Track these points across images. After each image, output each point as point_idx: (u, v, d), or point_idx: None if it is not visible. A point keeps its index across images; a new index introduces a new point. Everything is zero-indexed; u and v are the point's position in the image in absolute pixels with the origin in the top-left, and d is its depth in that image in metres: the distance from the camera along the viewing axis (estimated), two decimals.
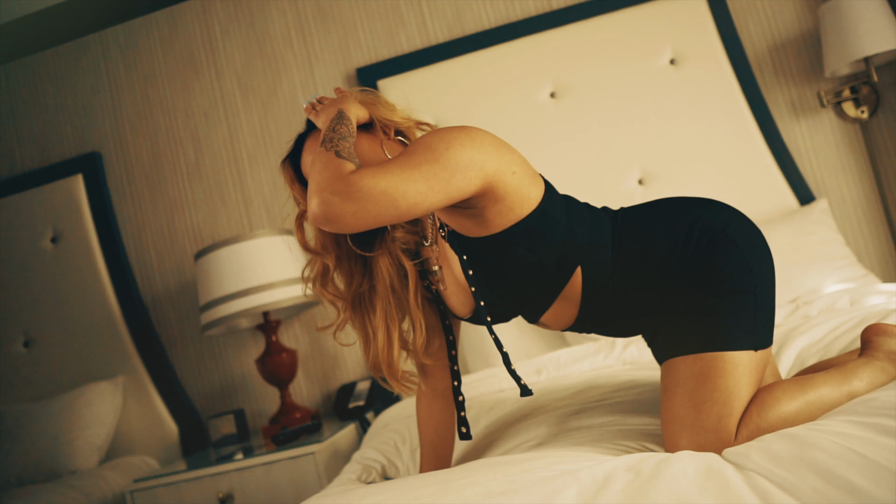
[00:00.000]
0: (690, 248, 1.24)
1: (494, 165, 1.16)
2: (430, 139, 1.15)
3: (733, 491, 0.74)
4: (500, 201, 1.19)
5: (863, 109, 2.54)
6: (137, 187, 2.99)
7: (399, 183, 1.08)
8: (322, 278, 1.39)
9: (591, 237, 1.28)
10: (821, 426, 0.91)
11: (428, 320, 1.45)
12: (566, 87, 2.69)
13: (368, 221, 1.09)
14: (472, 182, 1.13)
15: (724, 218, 1.28)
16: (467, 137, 1.15)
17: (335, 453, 2.22)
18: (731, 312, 1.19)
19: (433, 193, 1.10)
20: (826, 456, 0.75)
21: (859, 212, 2.57)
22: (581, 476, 0.93)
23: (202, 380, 2.91)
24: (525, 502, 0.84)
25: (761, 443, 0.93)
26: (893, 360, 1.23)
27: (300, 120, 2.89)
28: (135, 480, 2.28)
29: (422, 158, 1.11)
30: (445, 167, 1.11)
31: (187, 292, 2.91)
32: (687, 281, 1.23)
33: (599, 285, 1.29)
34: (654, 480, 0.82)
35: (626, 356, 2.02)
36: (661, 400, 1.21)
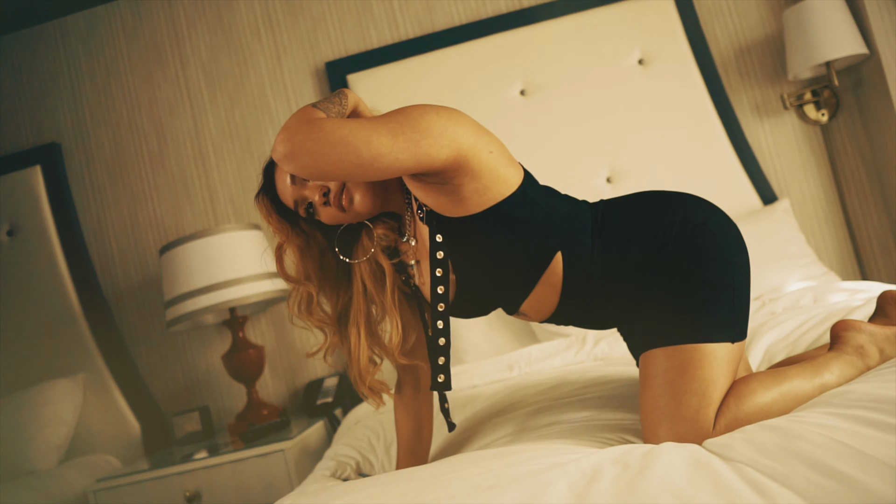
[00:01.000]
0: (671, 240, 1.26)
1: (469, 141, 1.17)
2: (409, 107, 1.16)
3: (725, 482, 0.75)
4: (476, 178, 1.19)
5: (823, 112, 2.61)
6: (98, 180, 2.91)
7: (362, 132, 1.09)
8: (308, 306, 1.39)
9: (571, 224, 1.29)
10: (801, 418, 0.93)
11: (405, 317, 1.45)
12: (536, 86, 2.71)
13: (328, 167, 1.09)
14: (442, 150, 1.14)
15: (704, 211, 1.30)
16: (446, 112, 1.17)
17: (305, 450, 2.20)
18: (710, 305, 1.21)
19: (398, 150, 1.11)
20: (813, 447, 0.77)
21: (819, 212, 2.64)
22: (569, 469, 0.93)
23: (166, 377, 2.86)
24: (516, 497, 0.84)
25: (744, 434, 0.95)
26: (861, 354, 1.26)
27: (268, 113, 2.85)
28: (98, 480, 2.23)
29: (393, 118, 1.13)
30: (415, 129, 1.12)
31: (151, 287, 2.85)
32: (667, 272, 1.25)
33: (580, 273, 1.30)
34: (645, 473, 0.83)
35: (597, 352, 2.04)
36: (641, 390, 1.23)
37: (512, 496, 0.84)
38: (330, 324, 1.40)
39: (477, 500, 0.85)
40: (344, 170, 1.10)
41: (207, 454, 2.19)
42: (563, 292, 1.32)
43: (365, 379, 1.40)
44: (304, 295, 1.39)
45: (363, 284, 1.42)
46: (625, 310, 1.33)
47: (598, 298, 1.34)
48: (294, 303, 1.40)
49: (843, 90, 2.61)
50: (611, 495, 0.79)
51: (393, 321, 1.42)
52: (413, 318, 1.48)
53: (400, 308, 1.43)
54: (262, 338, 2.81)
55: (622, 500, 0.76)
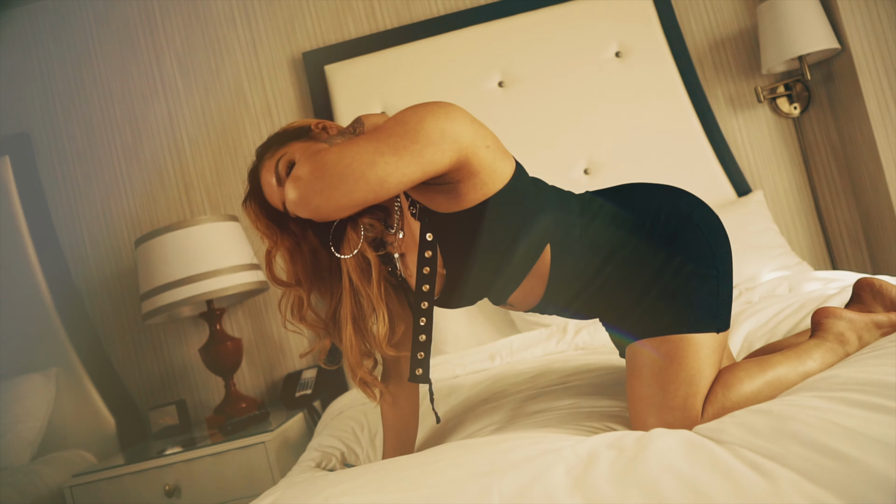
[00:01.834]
0: (657, 232, 1.28)
1: (469, 139, 1.17)
2: (403, 113, 1.15)
3: (723, 462, 0.76)
4: (475, 175, 1.20)
5: (795, 106, 2.66)
6: (70, 171, 2.86)
7: (365, 154, 1.08)
8: (299, 310, 1.38)
9: (559, 217, 1.31)
10: (789, 402, 0.95)
11: (392, 309, 1.44)
12: (514, 77, 2.72)
13: (341, 201, 1.09)
14: (446, 154, 1.14)
15: (688, 204, 1.32)
16: (441, 110, 1.16)
17: (285, 443, 2.19)
18: (695, 296, 1.23)
19: (404, 165, 1.10)
20: (806, 427, 0.79)
21: (791, 203, 2.69)
22: (564, 454, 0.94)
23: (141, 370, 2.82)
24: (515, 481, 0.85)
25: (734, 419, 0.97)
26: (841, 341, 1.29)
27: (244, 104, 2.82)
28: (74, 475, 2.19)
29: (392, 131, 1.11)
30: (416, 139, 1.11)
31: (125, 280, 2.81)
32: (652, 263, 1.27)
33: (567, 265, 1.31)
34: (641, 456, 0.85)
35: (577, 341, 2.06)
36: (628, 381, 1.24)
37: (511, 481, 0.85)
38: (323, 326, 1.39)
39: (476, 486, 0.86)
40: (357, 199, 1.10)
41: (186, 448, 2.17)
42: (549, 283, 1.33)
43: (356, 373, 1.40)
44: (295, 299, 1.37)
45: (349, 278, 1.41)
46: (610, 301, 1.34)
47: (583, 289, 1.35)
48: (286, 307, 1.39)
49: (815, 84, 2.66)
50: (610, 477, 0.80)
51: (380, 313, 1.41)
52: (401, 309, 1.47)
53: (387, 299, 1.43)
54: (239, 330, 2.79)
55: (622, 482, 0.77)
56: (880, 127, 2.40)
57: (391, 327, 1.42)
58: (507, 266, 1.28)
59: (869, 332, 1.31)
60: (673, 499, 0.68)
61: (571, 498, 0.76)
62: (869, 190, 2.54)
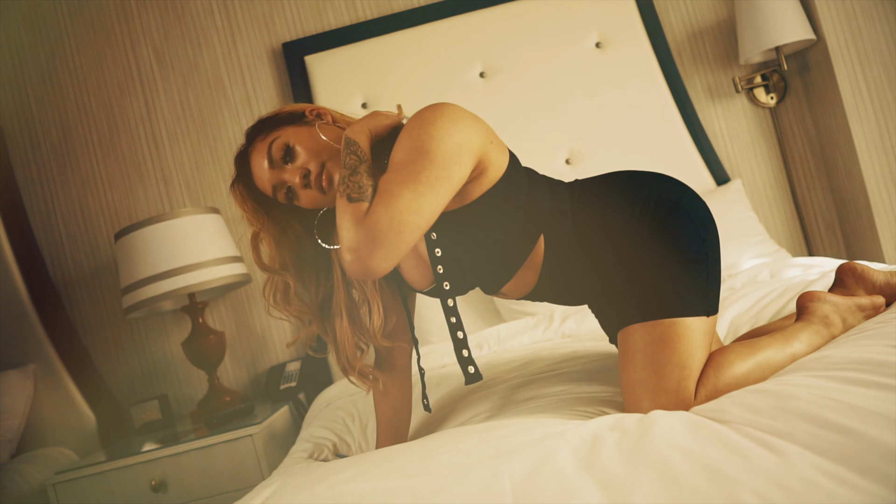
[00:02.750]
0: (647, 218, 1.30)
1: (479, 142, 1.19)
2: (417, 138, 1.15)
3: (729, 439, 0.78)
4: (484, 173, 1.23)
5: (772, 96, 2.71)
6: (45, 163, 2.81)
7: (410, 203, 1.11)
8: (284, 296, 1.36)
9: (552, 207, 1.32)
10: (786, 381, 0.98)
11: (385, 299, 1.45)
12: (495, 68, 2.72)
13: (401, 252, 1.12)
14: (466, 166, 1.17)
15: (677, 190, 1.34)
16: (448, 121, 1.17)
17: (272, 435, 2.18)
18: (686, 280, 1.26)
19: (441, 195, 1.14)
20: (808, 405, 0.81)
21: (769, 192, 2.74)
22: (568, 437, 0.95)
23: (121, 366, 2.79)
24: (524, 464, 0.86)
25: (732, 399, 0.99)
26: (826, 323, 1.32)
27: (223, 95, 2.79)
28: (57, 472, 2.16)
29: (420, 166, 1.13)
30: (443, 164, 1.13)
31: (103, 274, 2.77)
32: (643, 249, 1.29)
33: (560, 253, 1.33)
34: (647, 435, 0.86)
35: (564, 329, 2.08)
36: (621, 365, 1.26)
37: (519, 464, 0.86)
38: (309, 313, 1.38)
39: (484, 470, 0.87)
40: (412, 243, 1.13)
41: (171, 442, 2.15)
42: (542, 272, 1.35)
43: (355, 366, 1.40)
44: (280, 284, 1.36)
45: (342, 270, 1.41)
46: (601, 287, 1.36)
47: (575, 277, 1.37)
48: (270, 293, 1.37)
49: (791, 74, 2.71)
50: (619, 457, 0.81)
51: (375, 305, 1.41)
52: (393, 300, 1.48)
53: (380, 291, 1.43)
54: (222, 323, 2.77)
55: (632, 461, 0.78)
56: (855, 116, 2.45)
57: (385, 317, 1.43)
58: (501, 258, 1.29)
59: (852, 314, 1.35)
60: (687, 475, 0.69)
61: (582, 479, 0.77)
62: (844, 178, 2.60)
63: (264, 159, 1.28)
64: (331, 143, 1.28)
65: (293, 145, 1.27)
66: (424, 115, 1.19)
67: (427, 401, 1.47)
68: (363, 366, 1.41)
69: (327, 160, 1.26)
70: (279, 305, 1.37)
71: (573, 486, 0.75)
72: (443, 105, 1.21)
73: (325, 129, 1.30)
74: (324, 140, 1.27)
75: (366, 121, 1.28)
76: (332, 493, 0.96)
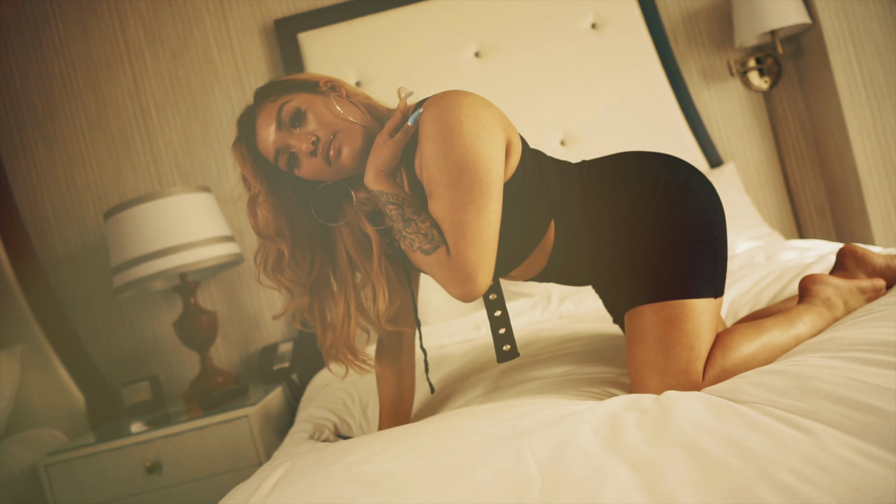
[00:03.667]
0: (656, 199, 1.30)
1: (502, 132, 1.20)
2: (451, 153, 1.14)
3: (754, 419, 0.78)
4: (508, 160, 1.23)
5: (766, 80, 2.71)
6: (30, 140, 2.75)
7: (480, 222, 1.14)
8: (277, 264, 1.33)
9: (562, 190, 1.32)
10: (800, 362, 0.98)
11: (390, 283, 1.43)
12: (490, 47, 2.70)
13: (494, 263, 1.18)
14: (502, 160, 1.19)
15: (685, 172, 1.34)
16: (474, 122, 1.15)
17: (267, 416, 2.17)
18: (695, 262, 1.26)
19: (496, 196, 1.16)
20: (829, 385, 0.82)
21: (761, 175, 2.76)
22: (585, 417, 0.96)
23: (110, 346, 2.76)
24: (546, 444, 0.86)
25: (746, 379, 0.99)
26: (829, 306, 1.34)
27: (213, 72, 2.75)
28: (48, 454, 2.14)
29: (469, 183, 1.14)
30: (487, 170, 1.15)
31: (91, 253, 2.73)
32: (652, 230, 1.29)
33: (569, 237, 1.33)
34: (668, 415, 0.86)
35: (562, 310, 2.09)
36: (628, 345, 1.26)
37: (541, 443, 0.86)
38: (301, 286, 1.36)
39: (507, 450, 0.87)
40: (496, 246, 1.19)
41: (164, 423, 2.13)
42: (551, 256, 1.35)
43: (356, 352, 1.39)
44: (273, 252, 1.32)
45: (347, 253, 1.39)
46: (608, 268, 1.36)
47: (583, 259, 1.37)
48: (262, 260, 1.34)
49: (785, 58, 2.71)
50: (643, 437, 0.81)
51: (380, 289, 1.40)
52: (398, 283, 1.46)
53: (386, 275, 1.42)
54: (213, 304, 2.74)
55: (658, 441, 0.78)
56: (848, 101, 2.47)
57: (390, 301, 1.41)
58: (514, 245, 1.29)
59: (854, 297, 1.36)
60: (718, 455, 0.70)
61: (609, 458, 0.77)
62: (836, 162, 2.62)
63: (273, 121, 1.25)
64: (345, 116, 1.25)
65: (305, 111, 1.25)
66: (445, 119, 1.15)
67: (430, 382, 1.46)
68: (362, 353, 1.40)
69: (339, 132, 1.24)
70: (270, 274, 1.34)
71: (602, 466, 0.75)
72: (459, 102, 1.17)
73: (339, 102, 1.27)
74: (338, 111, 1.25)
75: (371, 162, 1.23)
76: (348, 474, 0.95)
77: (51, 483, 2.10)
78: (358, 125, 1.25)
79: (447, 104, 1.17)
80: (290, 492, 0.95)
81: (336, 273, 1.39)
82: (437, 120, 1.16)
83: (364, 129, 1.25)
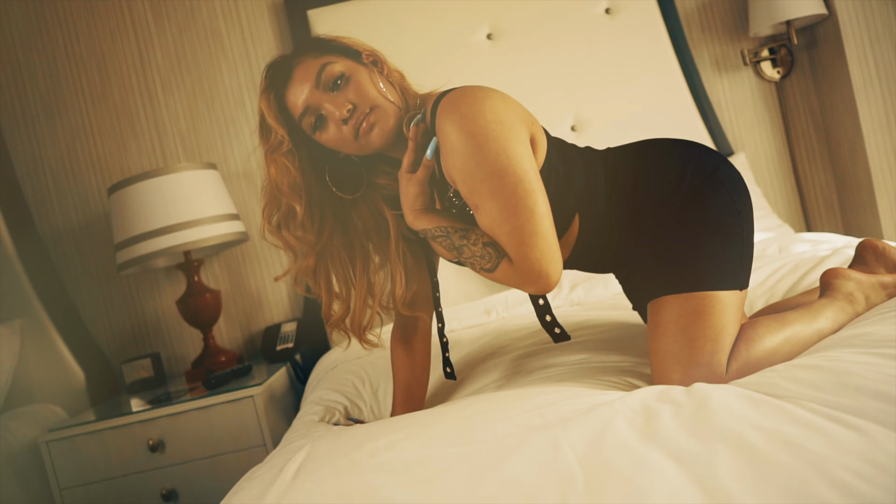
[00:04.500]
0: (683, 190, 1.28)
1: (526, 129, 1.19)
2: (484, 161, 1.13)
3: (797, 415, 0.76)
4: (535, 156, 1.21)
5: (778, 70, 2.69)
6: (32, 112, 2.70)
7: (531, 220, 1.12)
8: (286, 220, 1.30)
9: (586, 183, 1.30)
10: (834, 357, 0.97)
11: (407, 268, 1.41)
12: (503, 30, 2.67)
13: (559, 253, 1.16)
14: (531, 152, 1.18)
15: (713, 161, 1.32)
16: (500, 126, 1.14)
17: (272, 397, 2.16)
18: (721, 253, 1.25)
19: (539, 188, 1.15)
20: (871, 382, 0.80)
21: (770, 167, 2.75)
22: (617, 408, 0.94)
23: (111, 323, 2.73)
24: (581, 434, 0.84)
25: (779, 374, 0.98)
26: (851, 300, 1.32)
27: (221, 48, 2.70)
28: (50, 430, 2.12)
29: (511, 187, 1.13)
30: (524, 168, 1.13)
31: (93, 228, 2.70)
32: (679, 221, 1.27)
33: (593, 228, 1.31)
34: (705, 408, 0.85)
35: (573, 297, 2.07)
36: (651, 336, 1.25)
37: (577, 434, 0.84)
38: (310, 246, 1.31)
39: (541, 440, 0.85)
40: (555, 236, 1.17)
41: (167, 402, 2.12)
42: (574, 248, 1.33)
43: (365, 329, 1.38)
44: (285, 208, 1.29)
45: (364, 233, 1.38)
46: (632, 257, 1.35)
47: (606, 249, 1.35)
48: (270, 214, 1.30)
49: (799, 49, 2.69)
50: (682, 430, 0.80)
51: (397, 274, 1.38)
52: (416, 267, 1.45)
53: (403, 259, 1.40)
54: (216, 282, 2.72)
55: (699, 434, 0.77)
56: (862, 94, 2.45)
57: (407, 285, 1.40)
58: None
59: (875, 292, 1.35)
60: (768, 452, 0.68)
61: (650, 451, 0.76)
62: (846, 155, 2.61)
63: (311, 79, 1.22)
64: (385, 94, 1.23)
65: (349, 77, 1.22)
66: (471, 129, 1.13)
67: (451, 368, 1.45)
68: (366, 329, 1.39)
69: (376, 107, 1.21)
70: (276, 230, 1.31)
71: (644, 460, 0.74)
72: (481, 107, 1.15)
73: (382, 80, 1.25)
74: (380, 87, 1.23)
75: (404, 206, 1.26)
76: (375, 461, 0.93)
77: (52, 459, 2.09)
78: (394, 106, 1.23)
79: (469, 111, 1.14)
80: (315, 478, 0.94)
81: (349, 251, 1.37)
82: (462, 130, 1.14)
83: (399, 110, 1.24)
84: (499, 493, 0.74)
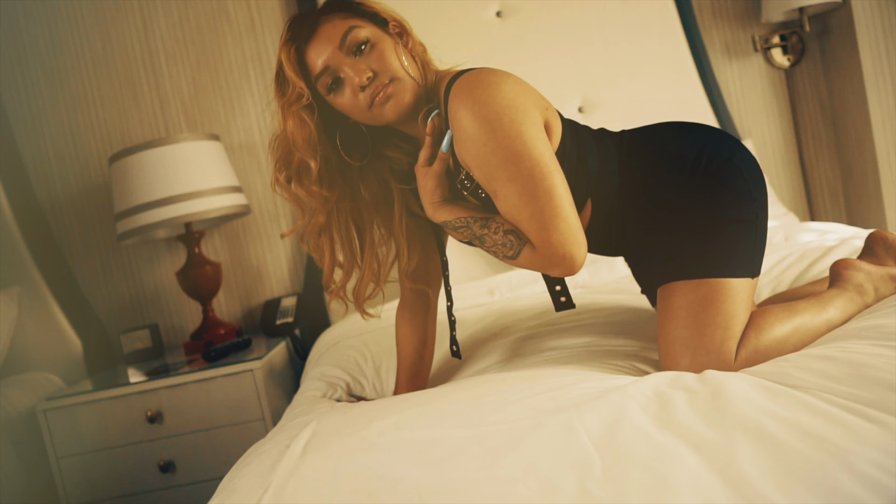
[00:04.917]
0: (698, 174, 1.27)
1: (540, 113, 1.18)
2: (498, 147, 1.11)
3: (816, 406, 0.76)
4: (549, 140, 1.20)
5: (789, 57, 2.67)
6: (32, 79, 2.66)
7: (550, 203, 1.11)
8: (300, 174, 1.27)
9: (599, 166, 1.29)
10: (849, 349, 0.96)
11: (410, 241, 1.41)
12: (513, 7, 2.64)
13: (581, 232, 1.14)
14: (542, 129, 1.17)
15: (729, 146, 1.31)
16: (514, 112, 1.12)
17: (271, 371, 2.15)
18: (735, 240, 1.24)
19: (557, 169, 1.13)
20: (889, 374, 0.80)
21: (777, 155, 2.73)
22: (629, 393, 0.94)
23: (109, 293, 2.71)
24: (596, 420, 0.84)
25: (793, 363, 0.97)
26: (860, 291, 1.32)
27: (226, 17, 2.66)
28: (48, 398, 2.11)
29: (527, 172, 1.11)
30: (540, 151, 1.12)
31: (93, 197, 2.67)
32: (692, 205, 1.27)
33: (606, 212, 1.30)
34: (721, 396, 0.84)
35: (577, 280, 2.07)
36: (660, 321, 1.25)
37: (592, 419, 0.84)
38: (321, 202, 1.29)
39: (555, 424, 0.85)
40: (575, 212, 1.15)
41: (166, 373, 2.11)
42: (587, 229, 1.32)
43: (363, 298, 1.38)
44: (297, 162, 1.26)
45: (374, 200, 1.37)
46: (644, 242, 1.34)
47: (618, 232, 1.35)
48: (283, 166, 1.28)
49: (811, 37, 2.67)
50: (698, 417, 0.79)
51: (401, 247, 1.38)
52: (420, 241, 1.44)
53: (407, 232, 1.39)
54: (216, 254, 2.70)
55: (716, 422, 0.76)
56: (873, 84, 2.43)
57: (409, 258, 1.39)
58: None
59: (885, 284, 1.35)
60: (790, 442, 0.68)
61: (667, 438, 0.75)
62: (853, 145, 2.59)
63: (336, 39, 1.19)
64: (407, 68, 1.21)
65: (373, 44, 1.20)
66: (484, 115, 1.12)
67: (457, 347, 1.44)
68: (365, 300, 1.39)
69: (396, 80, 1.19)
70: (286, 183, 1.29)
71: (662, 447, 0.73)
72: (494, 93, 1.13)
73: (405, 53, 1.23)
74: (403, 61, 1.21)
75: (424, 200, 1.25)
76: (385, 439, 0.93)
77: (49, 428, 2.08)
78: (414, 82, 1.21)
79: (482, 96, 1.13)
80: (324, 455, 0.93)
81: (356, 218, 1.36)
82: (475, 116, 1.12)
83: (417, 87, 1.21)
84: (515, 476, 0.74)
